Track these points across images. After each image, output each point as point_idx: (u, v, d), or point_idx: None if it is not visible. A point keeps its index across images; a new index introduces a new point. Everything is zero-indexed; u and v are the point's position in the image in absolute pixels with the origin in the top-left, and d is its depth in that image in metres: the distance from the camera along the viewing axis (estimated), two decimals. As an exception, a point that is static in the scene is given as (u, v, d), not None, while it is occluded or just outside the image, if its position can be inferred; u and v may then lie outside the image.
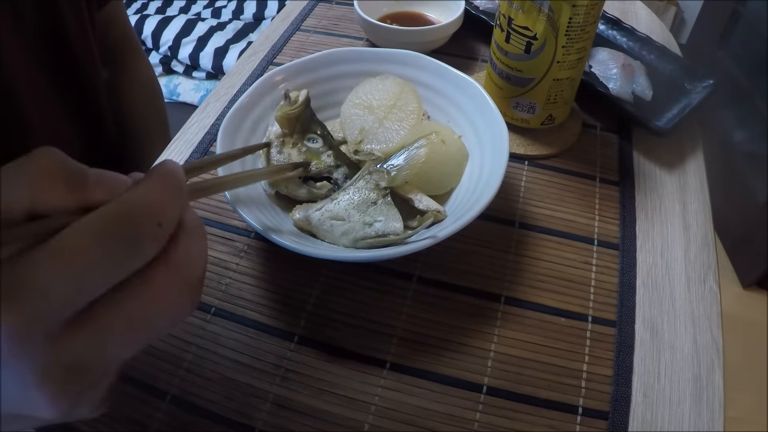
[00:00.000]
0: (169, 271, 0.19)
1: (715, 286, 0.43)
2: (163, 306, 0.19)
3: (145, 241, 0.18)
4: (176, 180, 0.20)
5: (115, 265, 0.17)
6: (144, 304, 0.18)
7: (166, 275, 0.19)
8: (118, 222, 0.18)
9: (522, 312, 0.41)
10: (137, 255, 0.18)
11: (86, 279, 0.17)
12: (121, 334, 0.18)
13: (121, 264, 0.18)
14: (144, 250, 0.18)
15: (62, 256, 0.16)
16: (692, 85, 0.56)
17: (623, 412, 0.36)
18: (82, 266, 0.17)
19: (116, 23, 0.64)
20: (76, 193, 0.18)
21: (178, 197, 0.20)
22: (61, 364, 0.17)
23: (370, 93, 0.46)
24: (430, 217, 0.39)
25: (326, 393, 0.37)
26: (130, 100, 0.65)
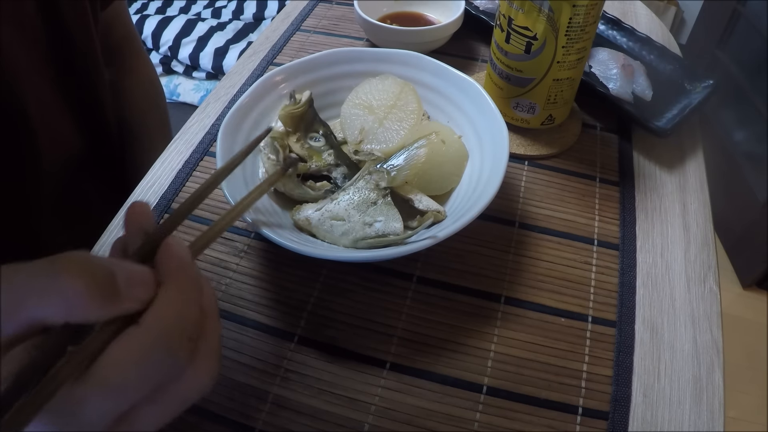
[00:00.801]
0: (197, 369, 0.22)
1: (715, 286, 0.43)
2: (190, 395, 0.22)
3: (179, 359, 0.21)
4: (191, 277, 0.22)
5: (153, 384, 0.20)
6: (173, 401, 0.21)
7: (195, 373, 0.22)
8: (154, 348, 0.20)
9: (522, 312, 0.41)
10: (173, 371, 0.21)
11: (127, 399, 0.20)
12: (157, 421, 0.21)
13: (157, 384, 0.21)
14: (180, 364, 0.21)
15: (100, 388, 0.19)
16: (692, 85, 0.56)
17: (623, 412, 0.36)
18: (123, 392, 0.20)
19: (119, 23, 0.64)
20: (110, 307, 0.20)
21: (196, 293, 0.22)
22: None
23: (370, 93, 0.46)
24: (430, 217, 0.39)
25: (326, 393, 0.37)
26: (132, 101, 0.65)
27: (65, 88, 0.51)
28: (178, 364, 0.21)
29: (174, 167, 0.51)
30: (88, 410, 0.19)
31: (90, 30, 0.52)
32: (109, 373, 0.20)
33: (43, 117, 0.49)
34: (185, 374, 0.21)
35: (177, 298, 0.22)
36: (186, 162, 0.51)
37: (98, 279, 0.20)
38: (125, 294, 0.21)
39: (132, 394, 0.20)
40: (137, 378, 0.20)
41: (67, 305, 0.19)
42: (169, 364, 0.21)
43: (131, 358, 0.20)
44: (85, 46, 0.52)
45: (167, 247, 0.23)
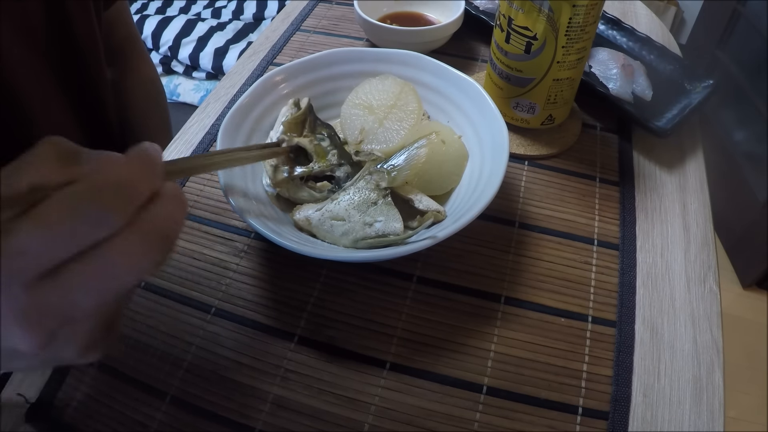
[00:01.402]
0: (132, 234, 0.22)
1: (715, 286, 0.43)
2: (124, 263, 0.22)
3: (112, 215, 0.21)
4: (150, 159, 0.23)
5: (84, 232, 0.21)
6: (107, 262, 0.21)
7: (128, 239, 0.22)
8: (89, 197, 0.21)
9: (522, 312, 0.41)
10: (104, 225, 0.21)
11: (57, 242, 0.21)
12: (86, 285, 0.21)
13: (89, 232, 0.21)
14: (110, 222, 0.21)
15: (39, 224, 0.20)
16: (692, 85, 0.56)
17: (623, 412, 0.36)
18: (55, 232, 0.20)
19: (120, 24, 0.64)
20: (69, 170, 0.21)
21: (150, 174, 0.23)
22: (35, 307, 0.21)
23: (370, 93, 0.46)
24: (430, 217, 0.39)
25: (326, 393, 0.37)
26: (133, 101, 0.65)
27: (67, 88, 0.51)
28: (109, 220, 0.21)
29: (174, 167, 0.51)
30: (20, 241, 0.20)
31: (93, 30, 0.52)
32: (41, 210, 0.20)
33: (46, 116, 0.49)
34: (117, 239, 0.21)
35: (126, 166, 0.22)
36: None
37: (62, 146, 0.22)
38: (85, 162, 0.22)
39: (60, 236, 0.20)
40: (65, 220, 0.20)
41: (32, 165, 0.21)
42: (99, 215, 0.21)
43: (65, 200, 0.21)
44: (88, 46, 0.52)
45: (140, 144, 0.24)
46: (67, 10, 0.48)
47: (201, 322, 0.40)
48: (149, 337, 0.39)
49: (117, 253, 0.21)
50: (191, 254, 0.44)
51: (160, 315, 0.41)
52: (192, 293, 0.42)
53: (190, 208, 0.47)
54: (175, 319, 0.40)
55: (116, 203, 0.21)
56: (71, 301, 0.21)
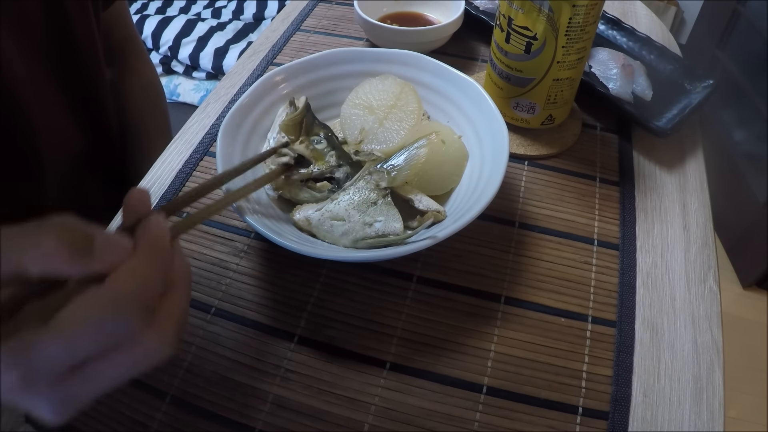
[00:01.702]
0: (151, 334, 0.23)
1: (715, 286, 0.43)
2: (144, 359, 0.23)
3: (133, 323, 0.22)
4: (160, 243, 0.24)
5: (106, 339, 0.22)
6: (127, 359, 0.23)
7: (148, 339, 0.23)
8: (108, 308, 0.22)
9: (522, 312, 0.41)
10: (125, 332, 0.22)
11: (80, 350, 0.22)
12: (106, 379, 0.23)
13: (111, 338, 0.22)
14: (132, 328, 0.22)
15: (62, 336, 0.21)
16: (692, 85, 0.56)
17: (623, 412, 0.36)
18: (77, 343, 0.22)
19: (120, 24, 0.64)
20: (81, 262, 0.22)
21: (162, 266, 0.24)
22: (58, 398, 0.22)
23: (370, 93, 0.46)
24: (430, 217, 0.39)
25: (326, 393, 0.37)
26: (132, 101, 0.65)
27: (67, 88, 0.51)
28: (132, 327, 0.22)
29: (174, 167, 0.51)
30: (42, 353, 0.21)
31: (92, 30, 0.52)
32: (65, 323, 0.21)
33: (45, 117, 0.49)
34: (140, 339, 0.23)
35: (142, 267, 0.23)
36: (186, 162, 0.51)
37: (74, 237, 0.22)
38: (98, 255, 0.22)
39: (84, 345, 0.22)
40: (90, 331, 0.21)
41: (43, 258, 0.22)
42: (122, 324, 0.22)
43: (87, 311, 0.22)
44: (87, 46, 0.52)
45: (146, 222, 0.25)
46: (65, 11, 0.48)
47: (201, 322, 0.40)
48: (149, 337, 0.39)
49: (137, 353, 0.23)
50: (191, 254, 0.44)
51: (160, 315, 0.41)
52: (192, 293, 0.42)
53: (190, 208, 0.47)
54: (175, 319, 0.40)
55: (138, 313, 0.22)
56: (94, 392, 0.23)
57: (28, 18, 0.45)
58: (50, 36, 0.48)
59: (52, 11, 0.47)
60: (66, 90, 0.51)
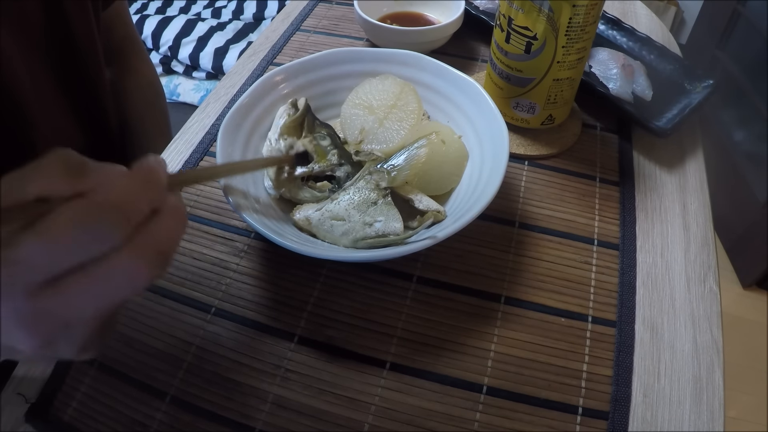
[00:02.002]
0: (131, 251, 0.23)
1: (715, 286, 0.43)
2: (123, 277, 0.23)
3: (113, 232, 0.22)
4: (153, 173, 0.25)
5: (85, 247, 0.22)
6: (106, 276, 0.23)
7: (127, 255, 0.23)
8: (92, 214, 0.22)
9: (522, 312, 0.41)
10: (105, 241, 0.22)
11: (59, 255, 0.22)
12: (85, 296, 0.23)
13: (90, 247, 0.22)
14: (111, 238, 0.22)
15: (41, 237, 0.21)
16: (692, 85, 0.56)
17: (623, 412, 0.36)
18: (56, 245, 0.21)
19: (119, 24, 0.64)
20: (73, 182, 0.22)
21: (152, 190, 0.24)
22: (35, 313, 0.22)
23: (370, 93, 0.46)
24: (430, 217, 0.39)
25: (326, 393, 0.37)
26: (131, 101, 0.65)
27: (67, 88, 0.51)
28: (110, 236, 0.22)
29: (174, 167, 0.51)
30: (23, 252, 0.21)
31: (92, 29, 0.52)
32: (45, 224, 0.21)
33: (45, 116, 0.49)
34: (118, 254, 0.23)
35: (129, 184, 0.24)
36: (186, 162, 0.51)
37: (69, 159, 0.23)
38: (90, 174, 0.23)
39: (61, 249, 0.22)
40: (67, 234, 0.21)
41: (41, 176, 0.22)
42: (101, 232, 0.22)
43: (69, 216, 0.22)
44: (87, 46, 0.52)
45: (143, 157, 0.25)
46: (65, 10, 0.48)
47: (201, 322, 0.40)
48: (149, 337, 0.39)
49: (116, 268, 0.23)
50: (191, 254, 0.44)
51: (160, 315, 0.41)
52: (192, 293, 0.42)
53: (190, 208, 0.47)
54: (175, 319, 0.40)
55: (117, 221, 0.22)
56: (70, 309, 0.23)
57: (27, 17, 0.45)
58: (50, 36, 0.48)
59: (51, 11, 0.47)
60: (66, 90, 0.51)
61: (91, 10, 0.51)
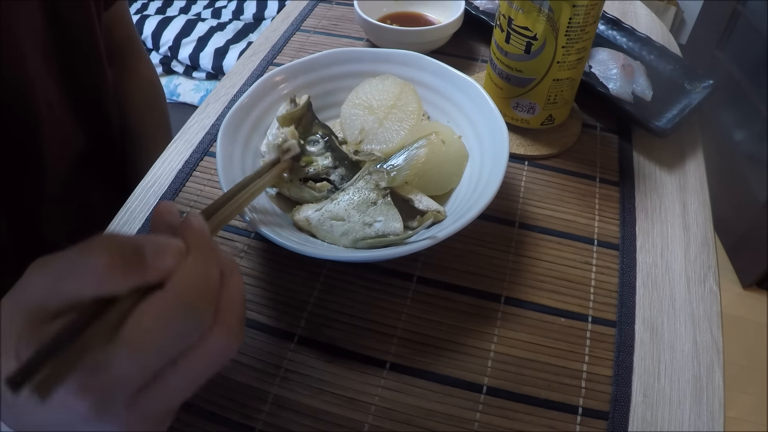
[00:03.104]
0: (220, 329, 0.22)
1: (715, 286, 0.43)
2: (217, 356, 0.22)
3: (203, 321, 0.22)
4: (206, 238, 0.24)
5: (178, 343, 0.21)
6: (202, 360, 0.22)
7: (218, 334, 0.22)
8: (176, 310, 0.21)
9: (522, 312, 0.41)
10: (195, 331, 0.22)
11: (153, 359, 0.21)
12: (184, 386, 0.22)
13: (183, 341, 0.21)
14: (201, 327, 0.22)
15: (132, 348, 0.20)
16: (692, 85, 0.56)
17: (623, 412, 0.36)
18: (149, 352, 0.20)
19: (120, 24, 0.64)
20: (134, 278, 0.21)
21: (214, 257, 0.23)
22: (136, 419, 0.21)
23: (370, 93, 0.46)
24: (430, 217, 0.39)
25: (326, 393, 0.37)
26: (132, 102, 0.65)
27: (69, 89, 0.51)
28: (200, 323, 0.22)
29: (174, 167, 0.51)
30: (115, 369, 0.20)
31: (94, 30, 0.52)
32: (134, 333, 0.20)
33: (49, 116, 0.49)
34: (208, 336, 0.22)
35: (197, 263, 0.23)
36: (186, 162, 0.51)
37: (123, 251, 0.21)
38: (151, 264, 0.22)
39: (156, 353, 0.21)
40: (160, 337, 0.21)
41: (95, 278, 0.21)
42: (191, 323, 0.21)
43: (154, 318, 0.21)
44: (89, 46, 0.52)
45: (188, 221, 0.24)
46: (67, 11, 0.48)
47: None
48: (149, 337, 0.39)
49: (210, 350, 0.22)
50: (191, 254, 0.44)
51: (160, 315, 0.41)
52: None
53: (190, 208, 0.47)
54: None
55: (204, 305, 0.22)
56: (172, 401, 0.22)
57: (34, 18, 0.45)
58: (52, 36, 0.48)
59: (53, 11, 0.47)
60: (69, 90, 0.51)
61: (93, 10, 0.52)
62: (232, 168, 0.41)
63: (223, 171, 0.40)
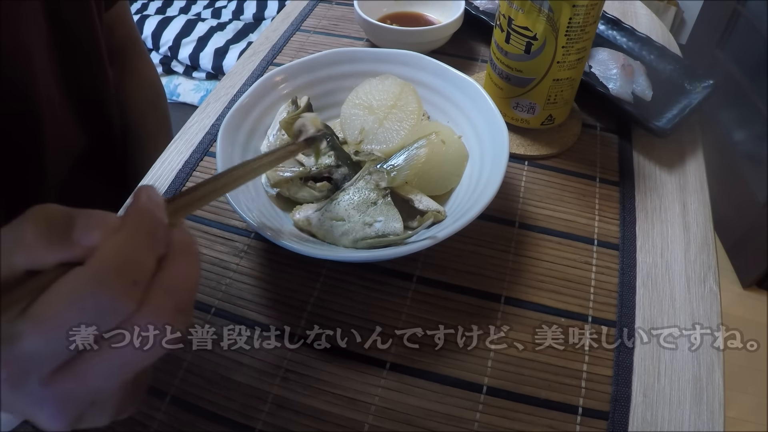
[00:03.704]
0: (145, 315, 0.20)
1: (715, 286, 0.43)
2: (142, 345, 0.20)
3: (121, 302, 0.20)
4: (150, 217, 0.21)
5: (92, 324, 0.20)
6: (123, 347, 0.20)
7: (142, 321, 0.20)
8: (92, 287, 0.19)
9: (522, 312, 0.41)
10: (114, 313, 0.20)
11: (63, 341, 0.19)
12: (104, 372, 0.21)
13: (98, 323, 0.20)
14: (120, 309, 0.20)
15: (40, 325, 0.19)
16: (692, 85, 0.56)
17: (623, 412, 0.36)
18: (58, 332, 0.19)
19: (121, 24, 0.64)
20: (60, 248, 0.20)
21: (153, 239, 0.21)
22: (53, 398, 0.20)
23: (370, 93, 0.46)
24: (430, 217, 0.39)
25: (326, 393, 0.37)
26: (133, 102, 0.65)
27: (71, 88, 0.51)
28: (119, 306, 0.20)
29: (174, 167, 0.51)
30: (26, 345, 0.19)
31: (95, 30, 0.52)
32: (41, 309, 0.19)
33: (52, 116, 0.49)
34: (134, 321, 0.20)
35: (127, 241, 0.21)
36: (186, 162, 0.51)
37: (52, 223, 0.20)
38: (77, 239, 0.20)
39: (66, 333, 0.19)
40: (70, 316, 0.19)
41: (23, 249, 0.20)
42: (106, 304, 0.20)
43: (64, 296, 0.19)
44: (91, 46, 0.52)
45: (135, 195, 0.22)
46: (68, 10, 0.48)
47: (201, 322, 0.40)
48: (149, 337, 0.39)
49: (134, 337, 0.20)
50: (191, 254, 0.44)
51: (160, 315, 0.41)
52: (192, 293, 0.42)
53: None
54: (175, 319, 0.40)
55: (122, 288, 0.20)
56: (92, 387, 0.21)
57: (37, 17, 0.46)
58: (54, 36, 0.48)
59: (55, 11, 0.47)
60: (70, 90, 0.51)
61: (95, 10, 0.52)
62: None
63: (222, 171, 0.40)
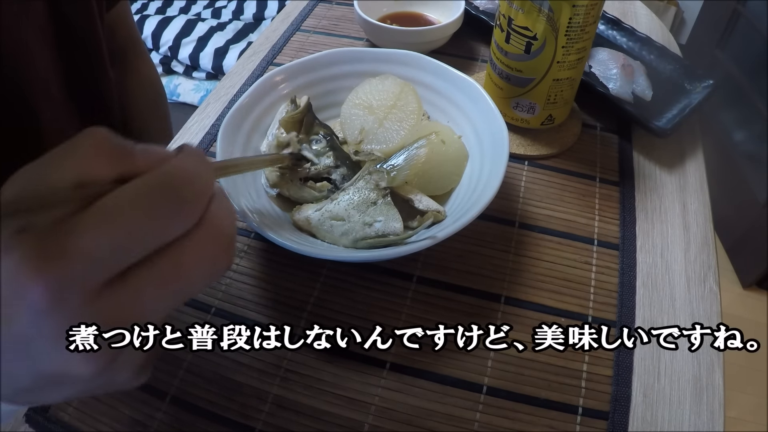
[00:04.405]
0: (204, 233, 0.19)
1: (715, 286, 0.43)
2: (199, 265, 0.19)
3: (186, 206, 0.19)
4: (203, 155, 0.21)
5: (157, 228, 0.18)
6: (181, 265, 0.19)
7: (201, 237, 0.19)
8: (161, 188, 0.18)
9: (522, 312, 0.41)
10: (178, 220, 0.19)
11: (127, 243, 0.17)
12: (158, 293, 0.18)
13: (163, 228, 0.18)
14: (184, 215, 0.19)
15: (107, 220, 0.17)
16: (692, 85, 0.56)
17: (623, 412, 0.36)
18: (125, 230, 0.17)
19: (122, 25, 0.64)
20: (121, 164, 0.19)
21: (209, 168, 0.21)
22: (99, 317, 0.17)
23: (370, 93, 0.46)
24: (430, 217, 0.39)
25: (326, 393, 0.37)
26: (133, 101, 0.65)
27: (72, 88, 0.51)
28: (184, 213, 0.19)
29: (174, 167, 0.51)
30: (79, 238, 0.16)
31: (96, 31, 0.52)
32: (107, 203, 0.17)
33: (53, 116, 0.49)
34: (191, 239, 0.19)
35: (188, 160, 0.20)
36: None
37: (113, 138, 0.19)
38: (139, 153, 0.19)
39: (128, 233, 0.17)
40: (136, 215, 0.17)
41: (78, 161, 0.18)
42: (172, 208, 0.18)
43: (131, 194, 0.18)
44: (92, 47, 0.52)
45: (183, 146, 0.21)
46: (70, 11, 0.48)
47: (201, 322, 0.40)
48: (149, 337, 0.39)
49: (192, 254, 0.19)
50: (191, 254, 0.44)
51: (160, 315, 0.41)
52: (192, 293, 0.42)
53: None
54: (174, 319, 0.40)
55: (190, 195, 0.19)
56: (141, 313, 0.18)
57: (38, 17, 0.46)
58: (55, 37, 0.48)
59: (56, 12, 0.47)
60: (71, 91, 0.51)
61: (96, 11, 0.52)
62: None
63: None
